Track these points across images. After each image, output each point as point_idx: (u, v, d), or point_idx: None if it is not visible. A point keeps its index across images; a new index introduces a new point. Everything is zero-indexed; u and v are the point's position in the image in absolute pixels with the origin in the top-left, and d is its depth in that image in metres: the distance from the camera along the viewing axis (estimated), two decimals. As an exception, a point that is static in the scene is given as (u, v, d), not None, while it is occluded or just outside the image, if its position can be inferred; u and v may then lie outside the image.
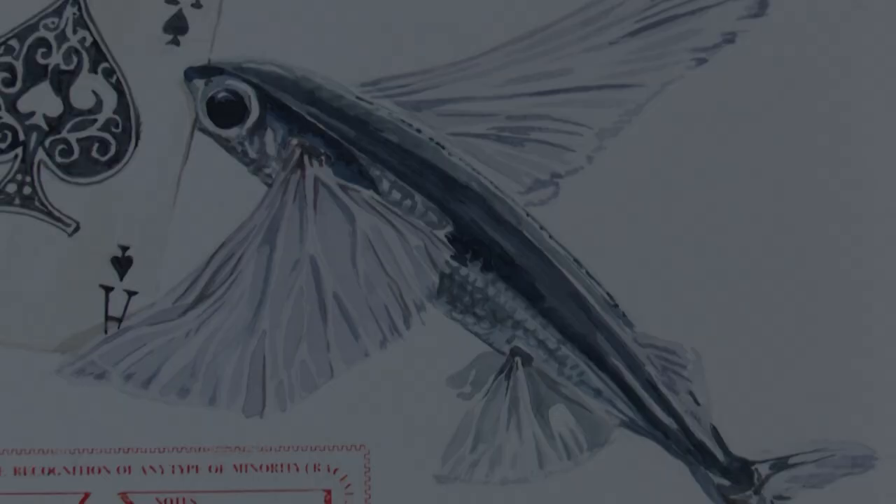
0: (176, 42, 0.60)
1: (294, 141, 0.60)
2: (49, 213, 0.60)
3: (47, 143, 0.60)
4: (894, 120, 0.62)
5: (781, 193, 0.60)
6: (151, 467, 0.59)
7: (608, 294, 0.59)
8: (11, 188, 0.60)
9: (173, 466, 0.59)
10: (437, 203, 0.60)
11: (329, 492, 0.59)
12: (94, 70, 0.60)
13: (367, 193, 0.60)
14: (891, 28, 0.62)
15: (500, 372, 0.60)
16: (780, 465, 0.59)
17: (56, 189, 0.59)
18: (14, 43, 0.60)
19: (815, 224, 0.60)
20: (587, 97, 0.60)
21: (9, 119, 0.60)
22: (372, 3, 0.60)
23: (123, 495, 0.58)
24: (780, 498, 0.59)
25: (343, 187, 0.60)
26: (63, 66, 0.60)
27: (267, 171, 0.60)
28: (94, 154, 0.59)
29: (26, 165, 0.60)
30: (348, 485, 0.59)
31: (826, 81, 0.60)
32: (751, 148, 0.60)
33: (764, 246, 0.60)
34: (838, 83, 0.60)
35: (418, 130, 0.60)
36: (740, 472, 0.59)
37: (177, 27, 0.60)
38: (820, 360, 0.60)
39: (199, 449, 0.59)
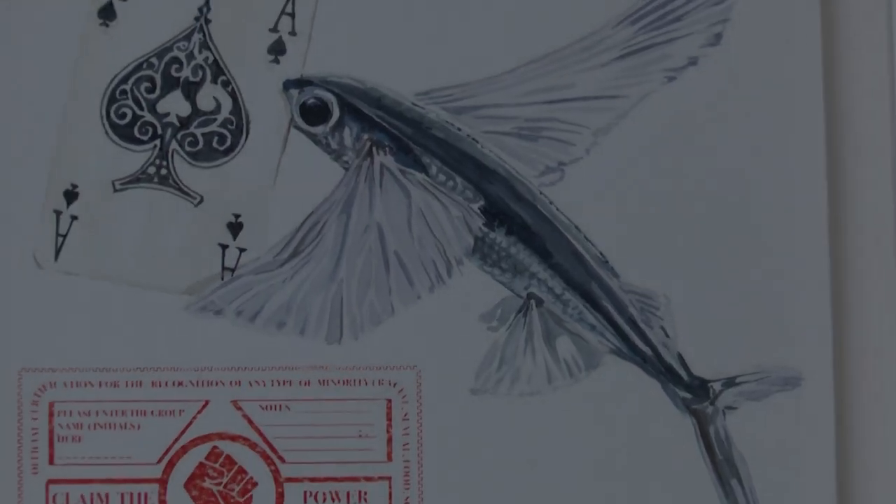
0: (277, 61, 0.64)
1: (365, 136, 0.64)
2: (180, 189, 0.64)
3: (179, 136, 0.64)
4: (810, 121, 0.65)
5: (727, 178, 0.65)
6: (256, 381, 0.64)
7: (600, 252, 0.65)
8: (152, 170, 0.64)
9: (273, 381, 0.64)
10: (472, 183, 0.65)
11: (390, 401, 0.64)
12: (214, 81, 0.64)
13: (420, 176, 0.64)
14: (813, 59, 0.65)
15: (519, 311, 0.65)
16: (730, 383, 0.64)
17: (185, 171, 0.64)
18: (154, 60, 0.64)
19: (756, 202, 0.65)
20: (586, 105, 0.65)
21: (150, 118, 0.64)
22: (425, 32, 0.65)
23: (234, 402, 0.63)
24: (729, 408, 0.64)
25: (402, 171, 0.64)
26: (191, 78, 0.64)
27: (344, 158, 0.65)
28: (215, 145, 0.64)
29: (163, 153, 0.64)
30: (404, 396, 0.64)
31: (764, 96, 0.66)
32: (709, 143, 0.65)
33: (718, 218, 0.65)
34: (774, 98, 0.66)
35: (459, 129, 0.65)
36: (700, 388, 0.64)
37: (277, 50, 0.64)
38: (760, 305, 0.65)
39: (292, 368, 0.64)
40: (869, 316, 0.66)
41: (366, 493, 0.64)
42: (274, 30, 0.64)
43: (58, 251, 0.64)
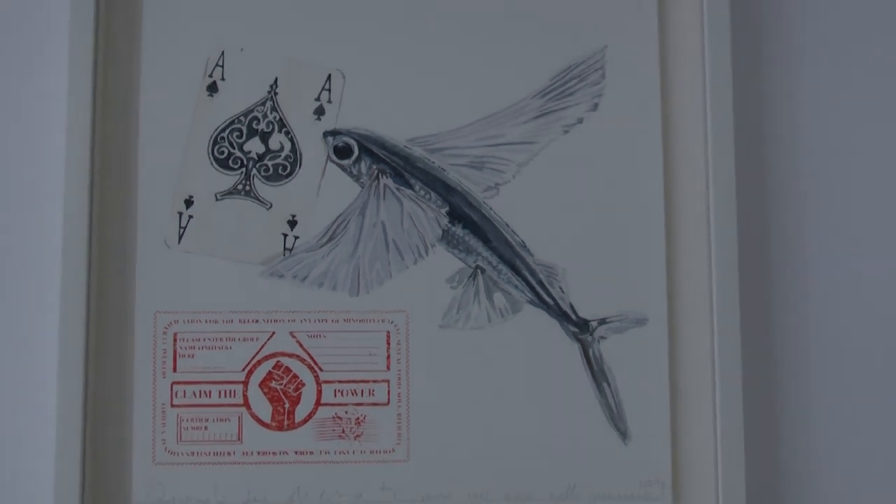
0: (319, 119, 0.79)
1: (374, 167, 0.79)
2: (257, 199, 0.78)
3: (257, 166, 0.79)
4: (652, 157, 0.78)
5: (602, 192, 0.80)
6: (305, 319, 0.79)
7: (522, 240, 0.80)
8: (240, 187, 0.79)
9: (315, 319, 0.79)
10: (441, 196, 0.79)
11: (388, 332, 0.79)
12: (280, 131, 0.78)
13: (409, 192, 0.79)
14: (654, 120, 0.79)
15: (470, 276, 0.79)
16: (602, 322, 0.79)
17: (261, 187, 0.79)
18: (242, 118, 0.79)
19: (619, 207, 0.79)
20: (513, 147, 0.79)
21: (239, 154, 0.79)
22: (413, 101, 0.78)
23: (291, 333, 0.79)
24: (602, 338, 0.79)
25: (397, 188, 0.79)
26: (265, 129, 0.78)
27: (361, 180, 0.79)
28: (279, 172, 0.79)
29: (247, 176, 0.78)
30: (398, 329, 0.79)
31: (624, 140, 0.80)
32: (589, 170, 0.79)
33: (596, 218, 0.79)
34: (629, 141, 0.80)
35: (433, 162, 0.79)
36: (583, 325, 0.79)
37: (319, 112, 0.79)
38: (622, 273, 0.80)
39: (328, 311, 0.79)
40: (691, 279, 0.81)
41: (373, 390, 0.79)
42: (317, 99, 0.80)
43: (180, 237, 0.78)
